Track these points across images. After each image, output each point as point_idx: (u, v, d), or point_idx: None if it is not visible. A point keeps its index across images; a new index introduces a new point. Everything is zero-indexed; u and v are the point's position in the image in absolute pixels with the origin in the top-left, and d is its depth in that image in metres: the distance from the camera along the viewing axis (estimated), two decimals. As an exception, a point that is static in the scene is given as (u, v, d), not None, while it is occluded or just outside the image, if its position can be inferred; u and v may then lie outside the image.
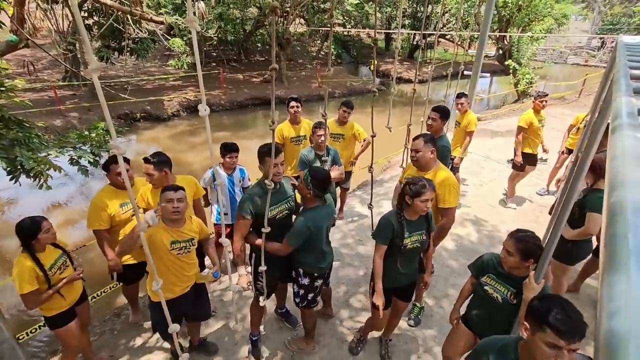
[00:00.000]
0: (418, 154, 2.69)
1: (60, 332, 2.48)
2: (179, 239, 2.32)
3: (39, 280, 2.27)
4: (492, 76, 19.73)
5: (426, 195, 2.20)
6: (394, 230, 2.29)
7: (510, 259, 1.93)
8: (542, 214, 4.93)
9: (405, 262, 2.40)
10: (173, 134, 10.25)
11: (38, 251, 2.32)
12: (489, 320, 2.12)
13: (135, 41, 10.07)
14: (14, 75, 12.21)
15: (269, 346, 3.00)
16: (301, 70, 18.16)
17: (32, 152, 2.92)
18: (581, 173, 1.50)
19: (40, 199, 6.11)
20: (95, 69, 0.79)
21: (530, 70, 13.22)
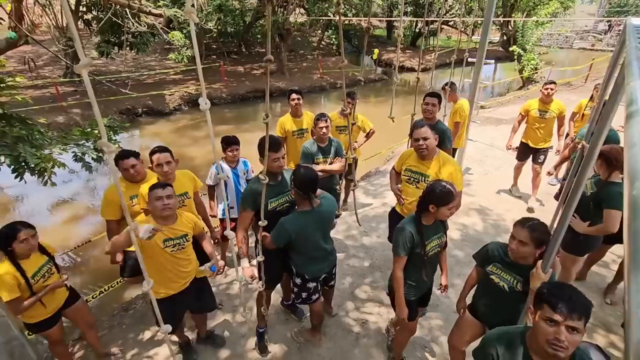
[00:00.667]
0: (427, 142, 2.63)
1: (43, 335, 2.49)
2: (171, 236, 2.31)
3: (21, 288, 2.21)
4: (497, 63, 19.42)
5: (452, 203, 2.09)
6: (414, 241, 2.16)
7: (524, 249, 1.89)
8: (547, 202, 4.89)
9: (429, 269, 2.33)
10: (175, 128, 10.24)
11: (21, 258, 2.25)
12: (496, 309, 2.12)
13: (135, 35, 9.99)
14: (15, 72, 12.22)
15: (275, 338, 3.02)
16: (302, 61, 17.99)
17: (35, 149, 2.93)
18: (590, 161, 1.46)
19: (46, 196, 6.15)
20: (86, 64, 0.77)
21: (535, 56, 13.00)
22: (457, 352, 2.38)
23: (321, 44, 21.49)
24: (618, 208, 2.51)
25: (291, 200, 2.52)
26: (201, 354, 2.89)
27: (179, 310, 2.58)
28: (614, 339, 2.92)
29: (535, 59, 12.81)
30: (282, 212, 2.47)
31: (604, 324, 3.05)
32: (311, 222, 2.35)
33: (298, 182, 2.25)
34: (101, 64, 13.77)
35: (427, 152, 2.67)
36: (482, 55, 4.37)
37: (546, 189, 5.24)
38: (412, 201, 2.85)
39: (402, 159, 2.96)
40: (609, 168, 2.63)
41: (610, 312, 3.18)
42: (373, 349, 2.90)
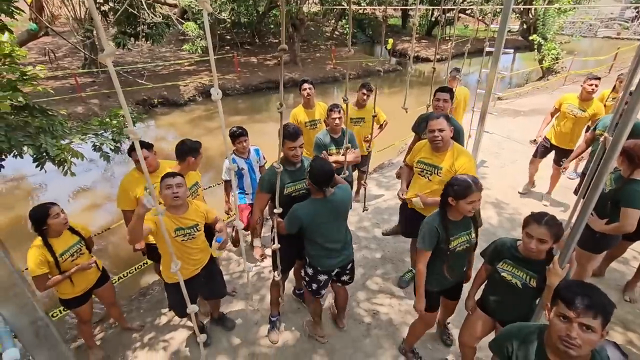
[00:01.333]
0: (442, 134, 2.58)
1: (74, 312, 2.67)
2: (182, 226, 2.35)
3: (50, 266, 2.35)
4: (515, 52, 18.84)
5: (472, 196, 2.02)
6: (439, 236, 2.15)
7: (544, 246, 1.83)
8: (565, 196, 4.76)
9: (454, 265, 2.26)
10: (190, 119, 10.36)
11: (52, 237, 2.39)
12: (509, 306, 2.08)
13: (150, 26, 10.08)
14: (36, 63, 12.53)
15: (286, 326, 3.08)
16: (315, 52, 17.84)
17: (55, 140, 3.01)
18: (612, 155, 1.42)
19: (67, 184, 6.35)
20: (110, 54, 0.78)
21: (557, 45, 12.54)
22: (469, 348, 2.38)
23: (334, 33, 21.23)
24: (637, 207, 2.42)
25: (308, 187, 2.53)
26: (214, 341, 2.97)
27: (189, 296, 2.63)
28: (632, 337, 2.86)
29: (557, 48, 12.34)
30: (297, 198, 2.49)
31: (622, 322, 2.98)
32: (324, 210, 2.35)
33: (313, 176, 2.26)
34: (118, 55, 13.98)
35: (442, 144, 2.63)
36: (500, 44, 4.22)
37: (565, 182, 5.11)
38: (426, 193, 2.82)
39: (415, 152, 2.91)
40: (631, 165, 2.52)
41: (629, 309, 3.11)
42: (384, 339, 2.92)
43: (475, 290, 2.30)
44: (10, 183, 6.78)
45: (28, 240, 2.42)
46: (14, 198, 6.33)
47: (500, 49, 4.24)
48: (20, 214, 5.81)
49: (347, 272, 2.67)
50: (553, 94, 10.47)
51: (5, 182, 6.80)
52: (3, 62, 3.03)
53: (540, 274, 1.88)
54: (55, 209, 2.37)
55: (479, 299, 2.31)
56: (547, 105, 8.85)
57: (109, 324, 3.26)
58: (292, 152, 2.44)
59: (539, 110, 8.58)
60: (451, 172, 2.62)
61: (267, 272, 3.68)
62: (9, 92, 2.71)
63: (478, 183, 2.06)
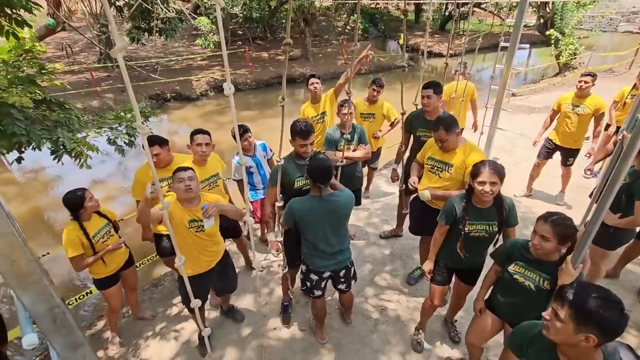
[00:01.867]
0: (444, 144, 2.58)
1: (104, 293, 2.79)
2: (195, 218, 2.39)
3: (85, 247, 2.51)
4: (531, 47, 18.40)
5: (482, 176, 2.06)
6: (456, 215, 2.23)
7: (546, 244, 1.81)
8: (580, 196, 4.66)
9: (468, 248, 2.31)
10: (202, 113, 10.45)
11: (84, 220, 2.54)
12: (521, 308, 2.04)
13: (164, 21, 10.18)
14: (54, 58, 12.79)
15: (295, 320, 3.11)
16: (327, 47, 17.76)
17: (72, 133, 3.09)
18: (630, 154, 1.38)
19: (82, 176, 6.49)
20: (121, 49, 0.80)
21: (575, 40, 12.19)
22: (476, 348, 2.37)
23: (346, 28, 21.06)
24: None
25: None
26: (223, 333, 3.02)
27: (203, 289, 2.69)
28: (646, 340, 2.80)
29: (575, 43, 12.00)
30: (307, 192, 2.49)
31: (636, 324, 2.92)
32: (318, 209, 2.28)
33: (310, 169, 2.25)
34: (132, 49, 14.16)
35: (449, 149, 2.62)
36: (516, 39, 4.12)
37: (580, 181, 5.00)
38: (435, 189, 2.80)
39: (425, 149, 2.88)
40: None
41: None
42: (391, 335, 2.93)
43: (485, 292, 2.28)
44: (29, 175, 6.98)
45: (45, 230, 2.51)
46: (32, 189, 6.52)
47: (516, 44, 4.14)
48: (38, 204, 5.98)
49: (342, 280, 2.58)
50: (569, 90, 10.21)
51: (24, 174, 7.00)
52: (24, 57, 3.11)
53: (553, 276, 1.85)
54: (89, 192, 2.53)
55: (486, 300, 2.28)
56: (564, 102, 8.68)
57: (122, 313, 3.34)
58: (303, 149, 2.48)
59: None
60: (462, 169, 2.60)
61: (275, 266, 3.72)
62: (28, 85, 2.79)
63: (492, 165, 2.08)
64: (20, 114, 2.78)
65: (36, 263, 1.15)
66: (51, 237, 5.10)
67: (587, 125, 4.13)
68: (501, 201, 2.20)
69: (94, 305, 3.76)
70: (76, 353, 1.35)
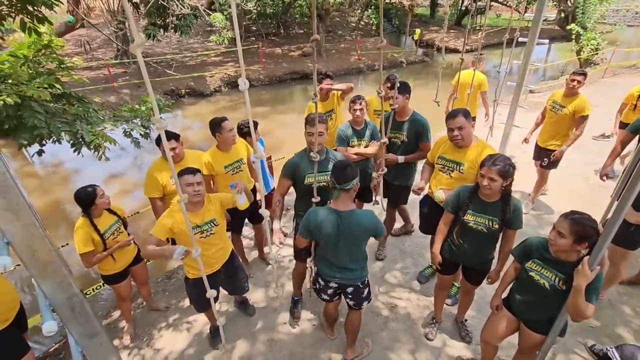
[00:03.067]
0: (462, 132, 2.51)
1: (114, 287, 2.85)
2: (199, 223, 2.35)
3: (95, 243, 2.54)
4: (551, 43, 17.88)
5: (484, 170, 2.10)
6: (459, 201, 2.31)
7: (561, 241, 1.79)
8: (599, 196, 4.53)
9: (467, 241, 2.33)
10: (215, 109, 10.55)
11: (95, 217, 2.56)
12: (535, 306, 2.03)
13: (179, 18, 10.30)
14: (73, 55, 13.09)
15: (304, 315, 3.13)
16: (340, 43, 17.64)
17: (91, 126, 3.17)
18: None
19: (99, 171, 6.67)
20: (140, 45, 0.81)
21: (597, 35, 11.77)
22: (490, 347, 2.34)
23: (360, 24, 20.88)
24: None
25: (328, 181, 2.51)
26: (234, 326, 3.06)
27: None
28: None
29: (597, 38, 11.59)
30: (318, 189, 2.47)
31: (655, 329, 2.84)
32: (333, 224, 2.14)
33: (332, 170, 2.16)
34: (148, 46, 14.38)
35: (462, 142, 2.56)
36: (534, 34, 4.00)
37: (600, 182, 4.86)
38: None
39: (436, 148, 2.83)
40: None
41: (664, 316, 2.95)
42: (401, 333, 2.92)
43: (503, 289, 2.25)
44: (49, 168, 7.19)
45: (64, 222, 2.58)
46: (52, 183, 6.71)
47: (535, 39, 4.03)
48: (58, 197, 6.16)
49: (350, 296, 2.40)
50: (590, 87, 9.89)
51: (44, 168, 7.22)
52: (43, 52, 3.19)
53: (569, 276, 1.81)
54: (100, 189, 2.54)
55: (505, 298, 2.26)
56: (584, 99, 8.41)
57: (137, 304, 3.42)
58: (310, 138, 2.47)
59: (574, 104, 8.15)
60: (474, 168, 2.54)
61: (287, 261, 3.75)
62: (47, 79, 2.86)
63: (496, 162, 2.07)
64: (40, 107, 2.87)
65: (56, 253, 1.18)
66: (69, 229, 5.24)
67: (565, 126, 3.88)
68: (508, 199, 2.17)
69: (109, 296, 3.86)
70: (93, 341, 1.39)
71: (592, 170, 5.28)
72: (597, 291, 1.78)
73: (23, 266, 1.15)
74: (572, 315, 1.81)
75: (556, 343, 2.15)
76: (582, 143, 6.14)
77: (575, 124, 3.81)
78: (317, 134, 2.34)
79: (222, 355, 2.81)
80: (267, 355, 2.80)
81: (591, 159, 5.59)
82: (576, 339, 2.80)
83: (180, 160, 2.96)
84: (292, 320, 3.08)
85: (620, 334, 2.85)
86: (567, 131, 3.91)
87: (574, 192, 4.77)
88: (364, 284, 2.38)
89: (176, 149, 2.87)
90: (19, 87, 2.76)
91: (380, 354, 2.77)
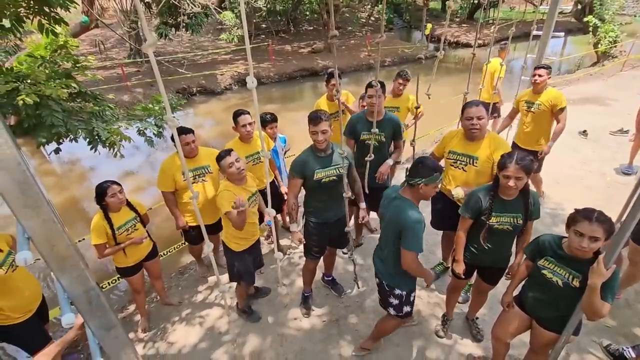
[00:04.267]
0: (481, 122, 2.48)
1: (127, 280, 2.94)
2: (251, 193, 2.65)
3: (108, 237, 2.62)
4: (567, 36, 17.40)
5: (507, 170, 2.02)
6: (481, 206, 2.20)
7: (595, 245, 1.71)
8: (616, 193, 4.42)
9: (492, 241, 2.28)
10: (226, 107, 10.64)
11: (112, 211, 2.64)
12: (548, 304, 2.00)
13: (190, 16, 10.39)
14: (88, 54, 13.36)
15: (315, 312, 3.16)
16: (350, 39, 17.53)
17: (106, 124, 3.25)
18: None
19: (114, 169, 6.81)
20: (152, 44, 0.83)
21: (616, 26, 11.40)
22: (502, 343, 2.31)
23: (370, 19, 20.70)
24: None
25: (338, 175, 2.50)
26: (244, 322, 3.11)
27: (257, 258, 2.95)
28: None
29: (615, 30, 11.22)
30: (327, 184, 2.52)
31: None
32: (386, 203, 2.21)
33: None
34: (160, 45, 14.56)
35: (479, 133, 2.52)
36: (550, 27, 3.91)
37: (617, 178, 4.74)
38: (460, 186, 2.73)
39: (445, 142, 2.79)
40: None
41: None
42: (412, 330, 2.91)
43: (514, 287, 2.23)
44: (66, 166, 7.38)
45: (80, 218, 2.65)
46: (69, 180, 6.89)
47: (550, 32, 3.94)
48: (74, 194, 6.32)
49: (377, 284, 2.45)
50: (608, 81, 9.61)
51: (61, 165, 7.41)
52: (59, 53, 3.27)
53: (584, 275, 1.78)
54: (112, 189, 2.59)
55: (517, 295, 2.24)
56: (601, 94, 8.19)
57: (151, 298, 3.50)
58: (313, 136, 2.44)
59: (590, 99, 7.94)
60: (489, 163, 2.52)
61: (297, 257, 3.77)
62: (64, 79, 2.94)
63: (519, 159, 2.01)
64: (58, 106, 2.95)
65: (73, 248, 1.22)
66: (85, 225, 5.38)
67: (545, 123, 3.76)
68: (528, 193, 2.14)
69: (125, 290, 3.96)
70: (109, 333, 1.43)
71: (608, 166, 5.14)
72: (613, 290, 1.74)
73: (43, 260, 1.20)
74: (587, 314, 1.78)
75: (570, 342, 2.12)
76: (599, 138, 6.01)
77: (555, 118, 3.69)
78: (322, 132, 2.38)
79: (233, 349, 2.86)
80: (278, 350, 2.84)
81: (608, 155, 5.45)
82: (591, 338, 2.75)
83: (194, 156, 3.01)
84: (303, 316, 3.11)
85: (637, 333, 2.79)
86: (548, 128, 3.80)
87: (590, 189, 4.66)
88: (390, 290, 2.27)
89: (193, 143, 2.94)
90: (37, 86, 2.85)
91: (391, 350, 2.77)
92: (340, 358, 2.75)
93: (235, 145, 3.14)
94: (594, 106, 7.57)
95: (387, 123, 3.06)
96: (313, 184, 2.51)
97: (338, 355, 2.77)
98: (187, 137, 2.90)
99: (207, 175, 3.06)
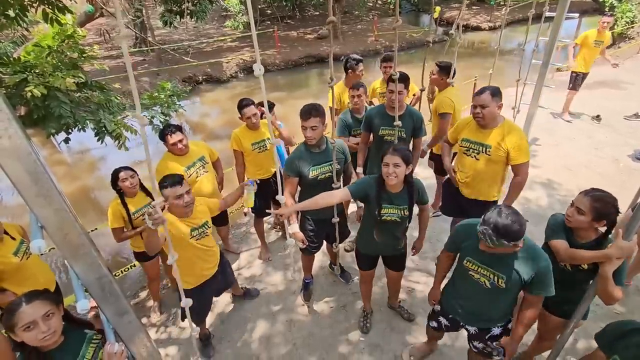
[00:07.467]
0: (485, 110, 2.44)
1: (143, 265, 3.00)
2: (195, 226, 2.31)
3: (125, 221, 2.68)
4: (581, 16, 16.79)
5: (385, 159, 2.00)
6: (369, 196, 2.17)
7: (579, 218, 1.75)
8: (629, 179, 4.33)
9: (382, 232, 2.29)
10: (232, 95, 10.60)
11: (128, 196, 2.69)
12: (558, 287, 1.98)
13: (194, 3, 10.28)
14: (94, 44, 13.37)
15: (322, 298, 3.21)
16: (357, 24, 17.20)
17: (112, 115, 3.27)
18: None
19: (124, 158, 6.83)
20: (125, 36, 0.83)
21: (634, 6, 10.96)
22: None
23: (377, 3, 20.24)
24: None
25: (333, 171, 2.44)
26: (254, 309, 3.17)
27: (208, 296, 2.65)
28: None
29: (633, 10, 10.80)
30: (323, 181, 2.46)
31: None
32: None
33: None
34: (165, 33, 14.48)
35: (483, 121, 2.49)
36: (563, 8, 3.77)
37: (630, 164, 4.64)
38: (470, 175, 2.70)
39: (458, 129, 2.76)
40: None
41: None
42: (418, 317, 2.94)
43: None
44: (76, 156, 7.48)
45: (92, 207, 2.69)
46: (79, 169, 6.99)
47: (564, 13, 3.80)
48: (85, 183, 6.43)
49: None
50: (625, 64, 9.30)
51: (72, 155, 7.51)
52: (67, 43, 3.27)
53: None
54: (123, 174, 2.63)
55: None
56: (615, 77, 7.93)
57: (163, 285, 3.58)
58: (303, 131, 2.35)
59: (605, 82, 7.71)
60: (500, 150, 2.48)
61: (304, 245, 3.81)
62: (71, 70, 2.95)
63: (402, 151, 1.98)
64: (65, 97, 2.97)
65: (86, 236, 1.25)
66: (97, 214, 5.49)
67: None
68: (412, 184, 2.14)
69: (137, 277, 4.05)
70: (122, 319, 1.47)
71: (621, 152, 5.03)
72: (621, 275, 1.73)
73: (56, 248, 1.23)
74: (603, 298, 1.77)
75: (578, 327, 2.12)
76: (613, 123, 5.87)
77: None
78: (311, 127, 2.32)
79: (243, 334, 2.93)
80: (287, 335, 2.90)
81: (622, 140, 5.32)
82: (599, 325, 2.73)
83: (187, 152, 2.93)
84: (304, 302, 3.14)
85: (647, 320, 2.77)
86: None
87: (603, 175, 4.58)
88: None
89: (182, 141, 2.81)
90: (44, 77, 2.86)
91: (397, 337, 2.81)
92: (347, 343, 2.80)
93: (242, 132, 3.13)
94: (608, 90, 7.36)
95: (408, 118, 2.90)
96: (309, 181, 2.44)
97: (345, 340, 2.82)
98: (175, 136, 2.77)
99: (207, 166, 3.07)
